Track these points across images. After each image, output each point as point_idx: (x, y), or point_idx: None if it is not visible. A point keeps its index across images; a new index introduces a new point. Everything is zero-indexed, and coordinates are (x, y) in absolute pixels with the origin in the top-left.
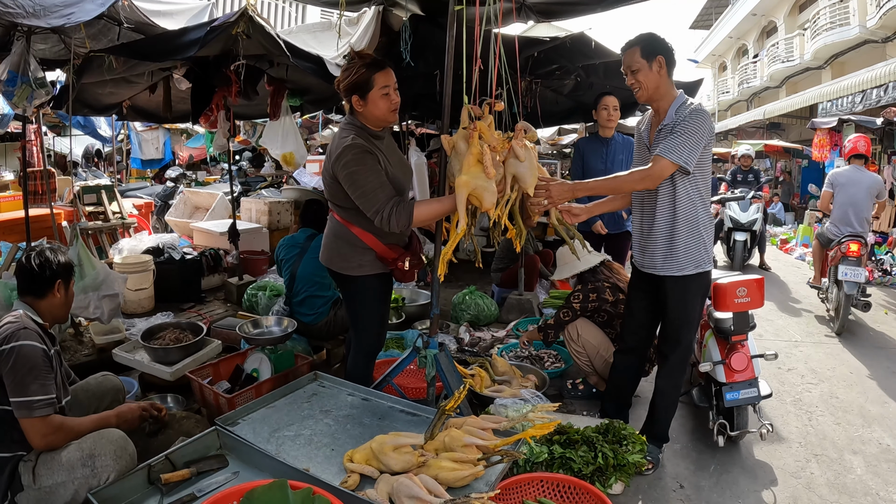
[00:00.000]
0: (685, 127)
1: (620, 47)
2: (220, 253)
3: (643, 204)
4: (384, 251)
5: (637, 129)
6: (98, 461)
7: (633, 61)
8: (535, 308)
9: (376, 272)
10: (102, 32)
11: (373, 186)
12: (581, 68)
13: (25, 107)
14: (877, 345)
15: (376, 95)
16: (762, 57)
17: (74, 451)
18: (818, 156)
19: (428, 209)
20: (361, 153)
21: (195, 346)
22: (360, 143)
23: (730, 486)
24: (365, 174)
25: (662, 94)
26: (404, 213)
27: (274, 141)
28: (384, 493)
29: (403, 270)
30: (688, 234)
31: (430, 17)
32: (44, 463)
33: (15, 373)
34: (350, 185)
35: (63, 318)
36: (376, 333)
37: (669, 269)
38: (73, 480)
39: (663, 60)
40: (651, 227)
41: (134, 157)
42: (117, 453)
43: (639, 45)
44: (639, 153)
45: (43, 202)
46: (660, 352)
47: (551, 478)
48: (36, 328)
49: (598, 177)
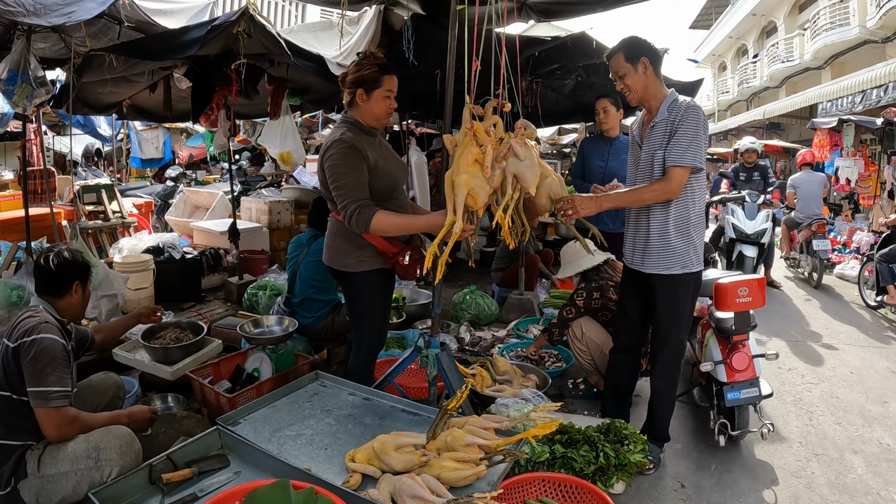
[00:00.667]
0: (686, 127)
1: (605, 55)
2: (220, 252)
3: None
4: (384, 246)
5: (630, 129)
6: (103, 454)
7: (618, 67)
8: (535, 308)
9: (377, 268)
10: (103, 31)
11: (348, 182)
12: (582, 68)
13: (25, 106)
14: (877, 345)
15: (380, 95)
16: (762, 57)
17: (81, 443)
18: (818, 156)
19: (390, 221)
20: (347, 149)
21: (196, 345)
22: (349, 138)
23: (731, 485)
24: (344, 169)
25: (653, 94)
26: (363, 219)
27: (273, 140)
28: (386, 493)
29: (404, 266)
30: (677, 233)
31: (432, 17)
32: (50, 452)
33: (35, 363)
34: (330, 176)
35: (80, 316)
36: (377, 332)
37: (656, 268)
38: (76, 471)
39: (647, 61)
40: (641, 224)
41: (134, 157)
42: (122, 448)
43: (622, 51)
44: (632, 151)
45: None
46: (651, 352)
47: (553, 477)
48: (56, 323)
49: (596, 174)
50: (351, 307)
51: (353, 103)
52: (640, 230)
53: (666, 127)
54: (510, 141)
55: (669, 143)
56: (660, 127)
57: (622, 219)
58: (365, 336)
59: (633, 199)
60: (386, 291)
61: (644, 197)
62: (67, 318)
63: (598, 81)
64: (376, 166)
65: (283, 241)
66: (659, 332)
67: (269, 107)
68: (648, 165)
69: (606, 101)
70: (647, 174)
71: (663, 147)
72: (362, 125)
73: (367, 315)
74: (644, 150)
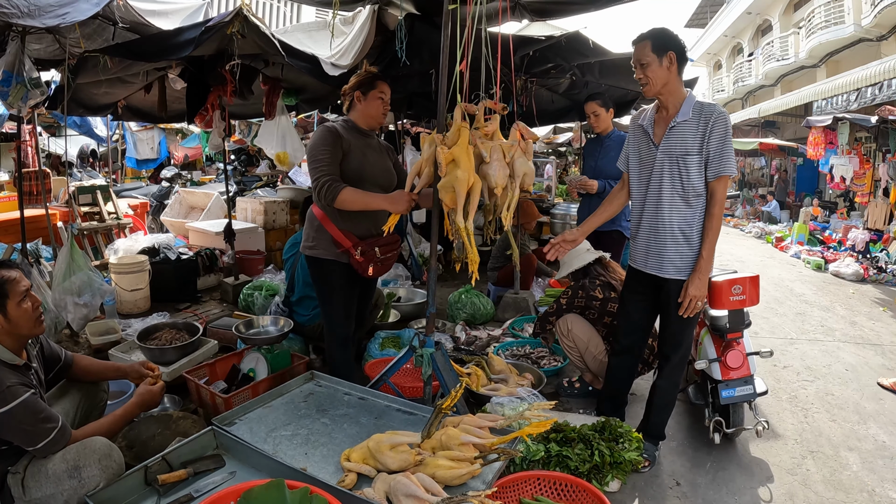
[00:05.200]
0: (722, 135)
1: (632, 39)
2: (215, 253)
3: (655, 205)
4: (338, 236)
5: (636, 124)
6: (84, 472)
7: (642, 55)
8: (530, 306)
9: (332, 257)
10: (97, 32)
11: (323, 159)
12: (576, 67)
13: (20, 107)
14: (872, 342)
15: (374, 95)
16: (757, 55)
17: (59, 463)
18: (813, 154)
19: (356, 197)
20: (328, 133)
21: (191, 346)
22: (333, 126)
23: (726, 482)
24: (322, 148)
25: (671, 91)
26: (332, 192)
27: (270, 140)
28: (381, 492)
29: (358, 261)
30: (697, 238)
31: (426, 17)
32: (32, 475)
33: (17, 432)
34: (308, 155)
35: (26, 334)
36: (342, 319)
37: (676, 273)
38: (61, 492)
39: (674, 57)
40: (660, 228)
41: (129, 157)
42: (103, 462)
43: (650, 40)
44: (638, 148)
45: (38, 203)
46: (662, 354)
47: (548, 476)
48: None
49: (588, 173)
50: (316, 292)
51: (351, 107)
52: (659, 235)
53: (696, 130)
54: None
55: (710, 153)
56: (685, 128)
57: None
58: (330, 323)
59: (715, 238)
60: (348, 283)
61: (717, 229)
62: (9, 346)
63: (593, 80)
64: (349, 154)
65: (279, 241)
66: (672, 336)
67: (264, 107)
68: (667, 167)
69: (594, 104)
70: (662, 175)
71: (698, 152)
72: (355, 125)
73: (329, 302)
74: (662, 150)
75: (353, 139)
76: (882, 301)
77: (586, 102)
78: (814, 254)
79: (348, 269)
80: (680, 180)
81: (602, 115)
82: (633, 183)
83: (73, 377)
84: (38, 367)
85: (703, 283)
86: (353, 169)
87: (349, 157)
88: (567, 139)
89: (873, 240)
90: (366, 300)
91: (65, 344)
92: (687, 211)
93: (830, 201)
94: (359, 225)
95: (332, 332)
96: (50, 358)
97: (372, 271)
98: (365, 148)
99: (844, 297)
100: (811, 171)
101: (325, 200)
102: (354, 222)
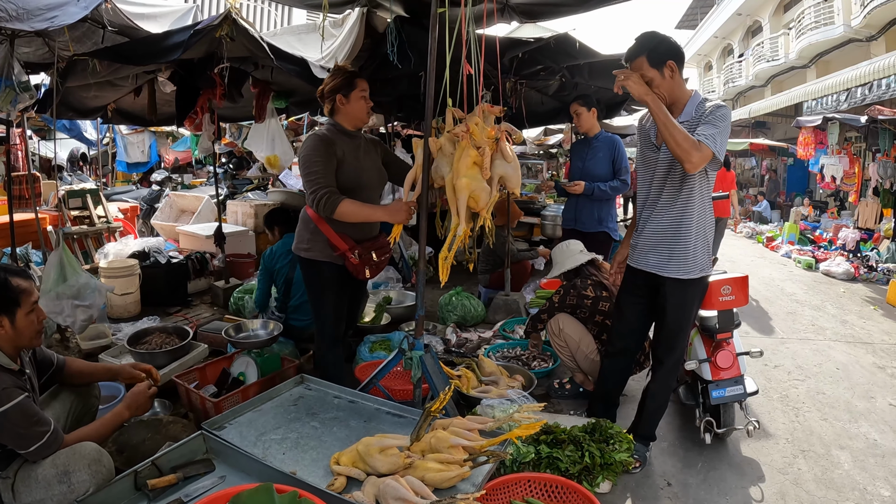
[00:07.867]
0: (714, 119)
1: (623, 57)
2: (206, 256)
3: (657, 205)
4: (335, 239)
5: (641, 126)
6: (74, 477)
7: (643, 72)
8: (521, 308)
9: (328, 259)
10: (86, 35)
11: (318, 170)
12: (566, 69)
13: (9, 110)
14: (862, 341)
15: (356, 95)
16: (747, 56)
17: (49, 468)
18: (803, 154)
19: (355, 209)
20: (319, 141)
21: (181, 350)
22: (324, 134)
23: (717, 483)
24: (315, 158)
25: (678, 97)
26: (330, 204)
27: (259, 143)
28: (371, 496)
29: (354, 264)
30: (696, 235)
31: (415, 19)
32: (22, 480)
33: (10, 436)
34: (301, 166)
35: (25, 344)
36: (332, 321)
37: (675, 272)
38: (51, 497)
39: (674, 65)
40: (662, 225)
41: (119, 161)
42: (92, 467)
43: (645, 55)
44: (643, 150)
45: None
46: (655, 356)
47: (538, 478)
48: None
49: (575, 175)
50: (308, 293)
51: (333, 110)
52: (660, 232)
53: (693, 127)
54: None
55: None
56: (686, 129)
57: (598, 219)
58: (319, 324)
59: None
60: (340, 284)
61: (675, 133)
62: (7, 352)
63: (583, 82)
64: (344, 161)
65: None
66: (668, 338)
67: (254, 110)
68: (668, 168)
69: (576, 104)
70: (663, 176)
71: None
72: (342, 127)
73: (320, 304)
74: (663, 151)
75: (345, 144)
76: (872, 300)
77: (570, 103)
78: (804, 253)
79: (342, 271)
80: (680, 181)
81: (584, 114)
82: (640, 184)
83: (65, 380)
84: (31, 372)
85: (644, 88)
86: (350, 178)
87: (344, 166)
88: (558, 141)
89: (864, 239)
90: (357, 302)
91: (55, 348)
92: (685, 208)
93: (821, 201)
94: (355, 228)
95: (323, 332)
96: (42, 362)
97: (368, 274)
98: (356, 151)
99: (835, 296)
100: (801, 171)
101: (324, 213)
102: (350, 225)
